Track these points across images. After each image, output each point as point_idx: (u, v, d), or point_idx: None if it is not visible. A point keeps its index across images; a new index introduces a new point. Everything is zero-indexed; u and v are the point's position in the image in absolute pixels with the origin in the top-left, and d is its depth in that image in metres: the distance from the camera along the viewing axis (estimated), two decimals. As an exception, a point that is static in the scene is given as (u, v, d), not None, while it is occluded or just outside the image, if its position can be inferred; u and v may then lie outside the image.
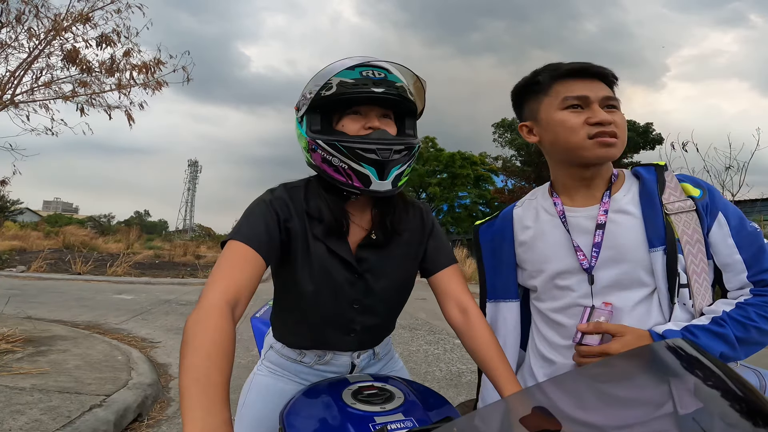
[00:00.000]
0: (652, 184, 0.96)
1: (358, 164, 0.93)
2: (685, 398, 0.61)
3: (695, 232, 0.90)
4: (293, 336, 1.12)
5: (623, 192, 0.99)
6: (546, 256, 1.02)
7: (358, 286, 1.04)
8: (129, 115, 4.98)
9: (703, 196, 0.93)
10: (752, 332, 0.83)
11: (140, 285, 9.93)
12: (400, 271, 1.09)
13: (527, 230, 1.07)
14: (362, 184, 0.95)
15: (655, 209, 0.93)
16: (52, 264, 11.66)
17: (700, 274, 0.89)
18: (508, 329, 1.09)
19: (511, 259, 1.09)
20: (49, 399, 2.65)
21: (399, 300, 1.14)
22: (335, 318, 1.05)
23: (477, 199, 24.44)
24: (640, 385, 0.67)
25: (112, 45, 4.82)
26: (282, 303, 1.12)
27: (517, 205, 1.14)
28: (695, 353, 0.64)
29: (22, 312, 5.63)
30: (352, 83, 0.94)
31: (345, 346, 1.09)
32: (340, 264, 1.01)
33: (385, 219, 1.05)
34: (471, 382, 3.89)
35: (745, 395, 0.58)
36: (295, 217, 0.99)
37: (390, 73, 0.97)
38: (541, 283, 1.03)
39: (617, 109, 0.96)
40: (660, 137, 19.56)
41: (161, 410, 3.00)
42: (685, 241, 0.90)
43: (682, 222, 0.91)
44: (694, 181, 0.96)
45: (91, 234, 23.30)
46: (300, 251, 0.99)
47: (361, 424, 0.83)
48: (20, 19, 4.54)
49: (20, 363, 3.32)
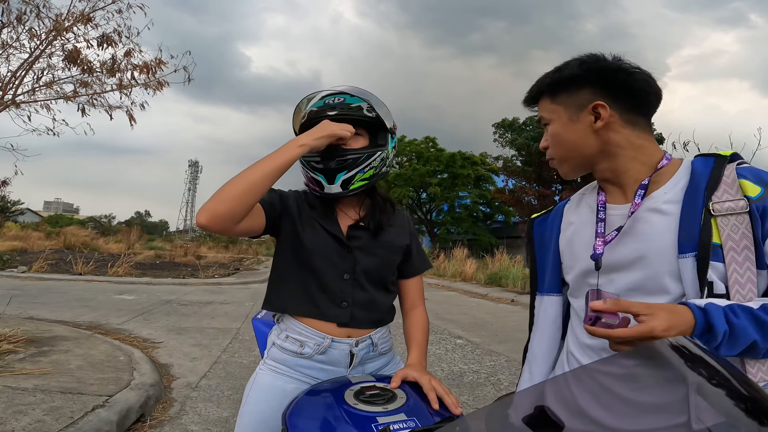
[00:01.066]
0: (702, 179, 0.85)
1: (313, 173, 1.18)
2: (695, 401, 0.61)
3: (743, 237, 0.79)
4: (290, 302, 1.21)
5: (668, 188, 0.88)
6: (579, 252, 0.97)
7: (348, 259, 1.20)
8: (130, 115, 4.98)
9: (762, 196, 0.80)
10: None
11: (141, 285, 9.93)
12: (385, 253, 1.24)
13: (571, 225, 1.03)
14: (318, 188, 1.19)
15: (695, 209, 0.82)
16: (53, 264, 11.68)
17: (744, 285, 0.78)
18: (547, 323, 1.06)
19: (556, 254, 1.05)
20: (51, 399, 2.65)
21: (386, 280, 1.26)
22: (328, 287, 1.18)
23: (477, 199, 24.39)
24: (648, 385, 0.67)
25: (114, 45, 4.82)
26: (281, 272, 1.24)
27: (569, 200, 1.11)
28: (700, 352, 0.64)
29: (24, 312, 5.64)
30: (316, 111, 1.18)
31: (337, 318, 1.17)
32: (333, 239, 1.20)
33: (372, 212, 1.25)
34: (473, 382, 3.90)
35: (751, 394, 0.58)
36: (295, 201, 1.24)
37: (350, 96, 1.18)
38: (572, 280, 1.00)
39: (548, 123, 0.96)
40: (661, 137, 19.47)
41: (164, 411, 3.00)
42: (729, 247, 0.79)
43: (729, 225, 0.80)
44: (758, 177, 0.82)
45: (92, 234, 23.34)
46: (298, 228, 1.20)
47: (363, 424, 0.83)
48: (21, 19, 4.54)
49: (22, 363, 3.32)
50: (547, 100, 0.96)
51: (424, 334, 1.26)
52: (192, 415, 2.97)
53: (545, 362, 1.05)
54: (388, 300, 1.27)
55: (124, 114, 5.05)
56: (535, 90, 0.98)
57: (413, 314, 1.30)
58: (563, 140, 0.95)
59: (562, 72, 0.93)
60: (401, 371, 1.06)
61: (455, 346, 5.20)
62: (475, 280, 13.13)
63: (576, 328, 0.99)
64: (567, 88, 0.93)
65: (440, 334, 5.88)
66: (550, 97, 0.96)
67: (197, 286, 10.42)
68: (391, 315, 1.28)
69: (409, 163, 25.06)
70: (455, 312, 7.79)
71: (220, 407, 3.12)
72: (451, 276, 14.21)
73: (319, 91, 1.21)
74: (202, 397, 3.29)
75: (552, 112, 0.96)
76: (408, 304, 1.32)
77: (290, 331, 1.19)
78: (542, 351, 1.06)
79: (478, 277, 13.14)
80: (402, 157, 25.67)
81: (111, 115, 5.05)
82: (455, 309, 8.15)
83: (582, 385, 0.70)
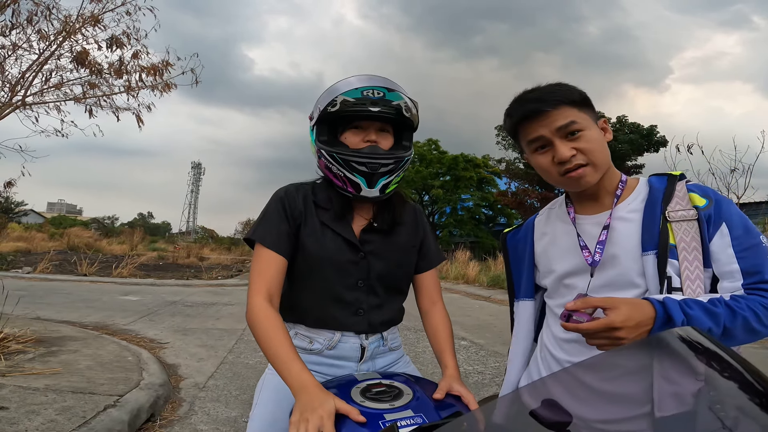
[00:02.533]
0: (658, 193, 0.99)
1: (351, 174, 1.10)
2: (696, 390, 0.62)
3: (693, 240, 0.92)
4: (305, 314, 1.17)
5: (630, 200, 1.02)
6: (557, 258, 1.09)
7: (361, 265, 1.15)
8: (138, 116, 5.01)
9: (708, 206, 0.94)
10: (738, 322, 0.84)
11: (146, 286, 9.96)
12: (400, 255, 1.21)
13: (544, 236, 1.15)
14: (354, 189, 1.11)
15: (654, 217, 0.96)
16: (58, 265, 11.72)
17: (694, 280, 0.91)
18: (521, 324, 1.19)
19: (530, 263, 1.17)
20: (63, 399, 2.67)
21: (401, 283, 1.24)
22: (343, 296, 1.15)
23: (480, 202, 24.37)
24: (616, 377, 0.68)
25: (122, 47, 4.85)
26: (295, 284, 1.18)
27: (538, 215, 1.22)
28: (708, 342, 0.65)
29: (31, 312, 5.67)
30: (353, 102, 1.08)
31: (354, 326, 1.16)
32: (345, 245, 1.15)
33: (385, 210, 1.20)
34: (478, 383, 3.90)
35: (761, 385, 0.58)
36: (304, 206, 1.16)
37: (390, 92, 1.10)
38: (551, 283, 1.11)
39: (582, 130, 0.96)
40: (664, 139, 19.42)
41: (173, 410, 3.01)
42: (681, 247, 0.92)
43: (681, 230, 0.93)
44: (703, 192, 0.98)
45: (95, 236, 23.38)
46: (310, 235, 1.14)
47: (370, 421, 0.83)
48: (31, 21, 4.58)
49: (32, 363, 3.34)
50: (574, 109, 0.97)
51: (452, 337, 1.22)
52: (201, 414, 2.98)
53: (521, 360, 1.18)
54: (400, 301, 1.26)
55: (131, 115, 5.09)
56: (562, 97, 0.97)
57: (435, 313, 1.25)
58: (601, 146, 0.98)
59: (577, 89, 1.00)
60: (444, 383, 1.01)
61: (460, 348, 5.20)
62: (478, 282, 13.12)
63: (552, 325, 1.11)
64: (583, 103, 0.99)
65: (445, 335, 5.88)
66: (576, 106, 0.97)
67: (201, 287, 10.44)
68: (401, 314, 1.27)
69: (412, 166, 25.07)
70: (459, 314, 7.79)
71: (228, 407, 3.13)
72: (454, 278, 14.19)
73: (354, 76, 1.13)
74: (210, 397, 3.30)
75: (584, 120, 0.97)
76: (427, 301, 1.27)
77: (299, 329, 1.18)
78: (518, 350, 1.19)
79: (480, 279, 13.13)
80: (404, 160, 25.64)
81: (118, 116, 5.09)
82: (459, 311, 8.15)
83: (589, 377, 0.72)
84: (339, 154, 1.09)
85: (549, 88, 0.99)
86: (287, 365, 0.94)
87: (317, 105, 1.15)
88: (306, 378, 0.91)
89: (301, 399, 0.87)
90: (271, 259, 1.09)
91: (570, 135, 0.96)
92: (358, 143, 1.11)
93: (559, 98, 0.96)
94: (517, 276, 1.21)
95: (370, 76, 1.13)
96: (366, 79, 1.12)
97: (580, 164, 0.96)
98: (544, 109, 0.96)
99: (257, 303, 1.04)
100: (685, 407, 0.63)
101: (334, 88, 1.12)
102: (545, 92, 0.98)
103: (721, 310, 0.84)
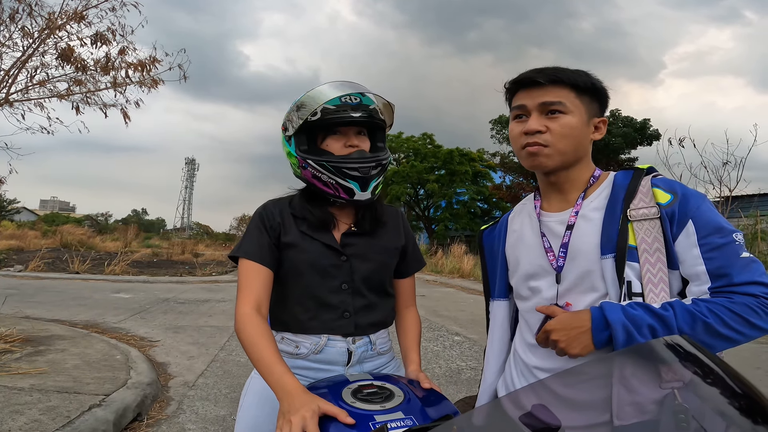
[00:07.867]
0: (620, 190, 0.94)
1: (344, 180, 1.12)
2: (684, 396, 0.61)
3: (656, 240, 0.87)
4: (292, 320, 1.18)
5: (593, 197, 0.98)
6: (521, 257, 1.05)
7: (344, 268, 1.17)
8: (125, 113, 4.96)
9: (672, 202, 0.88)
10: (699, 326, 0.78)
11: (138, 284, 9.91)
12: (382, 256, 1.22)
13: (514, 233, 1.11)
14: (347, 195, 1.13)
15: (614, 216, 0.91)
16: (50, 263, 11.63)
17: (657, 284, 0.86)
18: (496, 326, 1.15)
19: (503, 261, 1.13)
20: (48, 399, 2.65)
21: (384, 284, 1.24)
22: (327, 300, 1.16)
23: (475, 196, 24.38)
24: (636, 383, 0.67)
25: (107, 43, 4.79)
26: (280, 293, 1.19)
27: (513, 210, 1.19)
28: (694, 350, 0.64)
29: (20, 311, 5.62)
30: (333, 109, 1.12)
31: (341, 329, 1.16)
32: (327, 249, 1.17)
33: (366, 212, 1.22)
34: (471, 379, 3.91)
35: (745, 393, 0.58)
36: (281, 218, 1.18)
37: (364, 96, 1.15)
38: (516, 283, 1.08)
39: (562, 113, 0.94)
40: (657, 133, 19.52)
41: (161, 409, 3.00)
42: (643, 249, 0.87)
43: (643, 229, 0.88)
44: (669, 186, 0.91)
45: (89, 233, 23.23)
46: (290, 243, 1.16)
47: (361, 423, 0.83)
48: (14, 18, 4.51)
49: (18, 363, 3.31)
50: (572, 93, 0.95)
51: (419, 338, 1.29)
52: (189, 413, 2.97)
53: (497, 363, 1.14)
54: (389, 303, 1.26)
55: (119, 112, 5.03)
56: (564, 78, 0.95)
57: (408, 314, 1.30)
58: (575, 135, 0.95)
59: (591, 78, 0.97)
60: (413, 376, 1.13)
61: (453, 343, 5.21)
62: (473, 276, 13.16)
63: (522, 328, 1.08)
64: (591, 95, 0.97)
65: (438, 331, 5.89)
66: (575, 91, 0.95)
67: (194, 284, 10.41)
68: (392, 317, 1.27)
69: (407, 160, 25.03)
70: (453, 309, 7.81)
71: (217, 406, 3.12)
72: (449, 272, 14.24)
73: (327, 83, 1.15)
74: (199, 396, 3.29)
75: (575, 106, 0.95)
76: (402, 304, 1.32)
77: (286, 334, 1.18)
78: (493, 353, 1.15)
79: (475, 273, 13.17)
80: (399, 154, 25.65)
81: (105, 113, 5.03)
82: (453, 306, 8.17)
83: (577, 382, 0.72)
84: (329, 162, 1.11)
85: (559, 68, 0.97)
86: (270, 368, 0.95)
87: (291, 116, 1.16)
88: (288, 381, 0.91)
89: (284, 402, 0.88)
90: (256, 270, 1.11)
91: (549, 113, 0.95)
92: (340, 149, 1.14)
93: (559, 77, 0.95)
94: (492, 275, 1.17)
95: (343, 83, 1.15)
96: (340, 85, 1.14)
97: (540, 143, 0.94)
98: (538, 81, 0.95)
99: (244, 312, 1.05)
100: (645, 416, 0.63)
101: (310, 97, 1.12)
102: (552, 69, 0.97)
103: (671, 314, 0.79)
